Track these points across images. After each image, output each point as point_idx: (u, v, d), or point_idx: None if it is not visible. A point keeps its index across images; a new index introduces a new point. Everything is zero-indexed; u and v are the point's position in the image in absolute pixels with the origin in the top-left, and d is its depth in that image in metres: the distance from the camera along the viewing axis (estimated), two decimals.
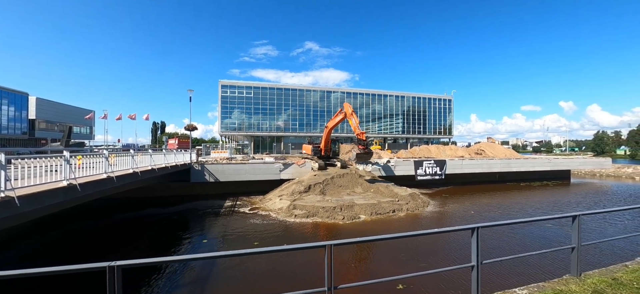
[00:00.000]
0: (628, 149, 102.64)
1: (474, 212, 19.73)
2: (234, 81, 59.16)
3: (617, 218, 16.29)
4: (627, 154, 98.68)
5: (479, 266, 4.06)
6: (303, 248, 3.38)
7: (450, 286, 8.58)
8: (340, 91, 66.46)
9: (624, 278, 4.74)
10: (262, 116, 59.66)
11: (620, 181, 39.82)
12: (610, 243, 11.58)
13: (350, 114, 23.53)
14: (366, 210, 18.11)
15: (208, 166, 23.82)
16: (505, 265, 9.35)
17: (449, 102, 73.74)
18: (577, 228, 4.76)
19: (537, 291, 4.42)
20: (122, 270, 2.83)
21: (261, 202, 21.72)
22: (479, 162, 33.17)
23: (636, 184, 36.74)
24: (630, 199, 25.43)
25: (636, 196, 27.26)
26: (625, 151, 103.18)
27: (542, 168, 36.35)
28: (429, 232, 3.94)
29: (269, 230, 15.26)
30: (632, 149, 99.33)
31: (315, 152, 28.37)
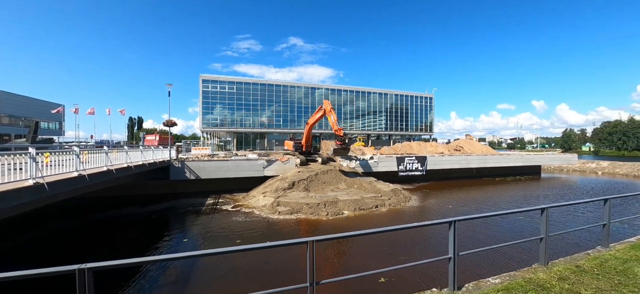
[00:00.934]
0: (592, 146, 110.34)
1: (451, 206, 20.49)
2: (215, 76, 57.59)
3: (580, 210, 17.52)
4: (591, 151, 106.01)
5: (456, 258, 4.24)
6: (285, 245, 3.38)
7: (430, 278, 8.90)
8: (325, 88, 66.46)
9: (586, 266, 5.11)
10: (245, 112, 58.60)
11: (584, 175, 42.72)
12: (574, 233, 12.44)
13: (329, 111, 24.29)
14: (350, 206, 18.33)
15: (188, 163, 23.15)
16: (480, 256, 9.81)
17: (430, 100, 75.76)
18: (545, 219, 5.07)
19: (509, 279, 4.67)
20: (94, 273, 2.70)
21: (244, 200, 21.41)
22: (457, 159, 34.42)
23: (598, 178, 39.58)
24: (592, 192, 27.36)
25: (598, 189, 29.37)
26: (590, 148, 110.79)
27: (515, 164, 38.29)
28: (408, 226, 4.06)
29: (252, 228, 15.09)
30: (596, 145, 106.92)
31: (297, 148, 29.02)
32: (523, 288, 4.31)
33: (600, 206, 6.06)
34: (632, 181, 36.30)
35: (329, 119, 24.93)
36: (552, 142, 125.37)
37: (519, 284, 4.44)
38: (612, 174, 42.97)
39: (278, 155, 31.57)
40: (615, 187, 30.84)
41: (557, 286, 4.33)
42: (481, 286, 4.50)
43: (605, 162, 49.85)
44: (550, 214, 5.40)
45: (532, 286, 4.37)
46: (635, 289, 4.21)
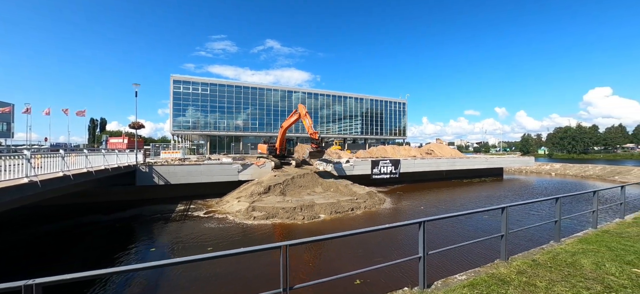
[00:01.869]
0: (547, 150, 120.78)
1: (423, 207, 21.33)
2: (188, 76, 55.29)
3: (536, 208, 19.05)
4: (546, 154, 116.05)
5: (425, 257, 4.40)
6: (258, 250, 3.30)
7: (403, 277, 9.17)
8: (302, 92, 66.44)
9: (540, 259, 5.55)
10: (219, 115, 56.80)
11: (540, 176, 46.58)
12: (531, 229, 13.48)
13: (304, 115, 24.70)
14: (326, 209, 18.39)
15: (157, 167, 21.93)
16: (448, 254, 10.30)
17: (403, 105, 78.58)
18: (505, 218, 5.43)
19: (474, 275, 4.94)
20: (43, 288, 2.46)
21: (218, 205, 20.68)
22: (428, 162, 35.95)
23: (552, 178, 43.36)
24: (546, 192, 29.89)
25: (551, 189, 32.14)
26: (545, 151, 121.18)
27: (481, 166, 40.81)
28: (379, 228, 4.15)
29: (225, 234, 14.60)
30: (550, 149, 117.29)
31: (271, 151, 29.06)
32: (486, 282, 4.58)
33: (552, 204, 6.69)
34: (580, 181, 40.19)
35: (304, 123, 25.27)
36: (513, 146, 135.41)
37: (483, 279, 4.71)
38: (563, 175, 47.31)
39: (253, 159, 30.98)
40: (566, 186, 33.95)
41: (516, 280, 4.66)
42: (449, 282, 4.71)
43: (557, 165, 54.79)
44: (510, 212, 5.80)
45: (495, 280, 4.66)
46: (582, 279, 4.64)
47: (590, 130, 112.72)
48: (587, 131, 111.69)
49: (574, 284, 4.49)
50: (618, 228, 7.67)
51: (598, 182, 37.98)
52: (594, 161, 71.26)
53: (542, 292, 4.24)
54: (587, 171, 45.99)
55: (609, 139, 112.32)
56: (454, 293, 4.28)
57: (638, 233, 7.17)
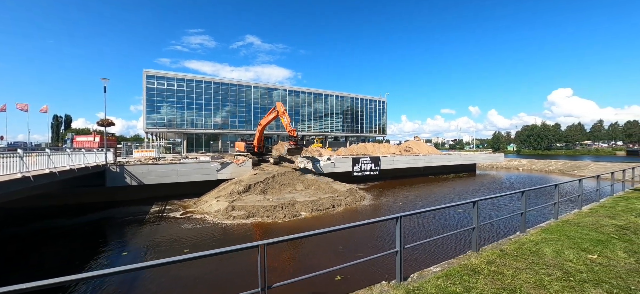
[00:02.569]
0: (515, 146, 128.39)
1: (401, 203, 21.94)
2: (162, 72, 52.83)
3: (505, 201, 20.23)
4: (515, 150, 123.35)
5: (402, 251, 4.53)
6: (235, 250, 3.23)
7: (381, 271, 9.38)
8: (283, 89, 65.77)
9: (508, 249, 5.89)
10: (197, 112, 54.85)
11: (509, 171, 49.47)
12: (500, 221, 14.29)
13: (282, 113, 25.00)
14: (307, 207, 18.40)
15: (129, 167, 20.84)
16: (424, 248, 10.66)
17: (383, 103, 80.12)
18: (476, 211, 5.71)
19: (448, 266, 5.15)
20: None
21: (195, 205, 20.04)
22: (407, 159, 37.00)
23: (520, 173, 46.19)
24: (514, 186, 31.80)
25: (518, 183, 34.24)
26: (513, 148, 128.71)
27: (456, 163, 42.62)
28: (357, 224, 4.21)
29: (203, 234, 14.18)
30: (518, 146, 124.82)
31: (249, 149, 29.05)
32: (459, 273, 4.80)
33: (519, 198, 7.16)
34: (544, 175, 43.16)
35: (282, 120, 25.54)
36: (485, 143, 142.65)
37: (456, 270, 4.93)
38: (529, 170, 50.55)
39: (233, 157, 30.39)
40: (531, 181, 36.31)
41: (486, 269, 4.92)
42: (425, 275, 4.88)
43: (524, 160, 58.45)
44: (481, 206, 6.10)
45: (467, 271, 4.89)
46: (544, 266, 4.99)
47: (553, 128, 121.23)
48: (551, 129, 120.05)
49: (537, 271, 4.81)
50: (576, 218, 8.32)
51: (560, 176, 40.97)
52: (557, 157, 76.80)
53: (508, 280, 4.51)
54: (550, 166, 49.47)
55: (570, 137, 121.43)
56: (428, 284, 4.44)
57: (593, 222, 7.82)
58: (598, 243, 6.09)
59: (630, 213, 8.68)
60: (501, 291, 4.16)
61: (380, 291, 4.35)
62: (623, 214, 8.64)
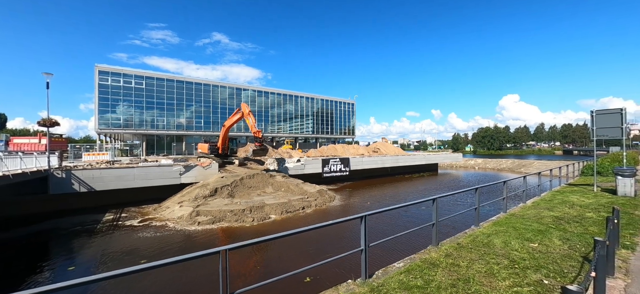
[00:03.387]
0: (472, 147, 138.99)
1: (369, 203, 22.59)
2: (118, 67, 48.64)
3: (462, 198, 21.80)
4: (472, 150, 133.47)
5: (367, 249, 4.65)
6: (193, 258, 3.06)
7: (349, 269, 9.54)
8: (252, 89, 64.22)
9: (463, 242, 6.33)
10: (158, 112, 51.34)
11: (467, 170, 53.41)
12: (458, 216, 15.33)
13: (247, 114, 25.00)
14: (276, 209, 18.13)
15: (78, 172, 18.86)
16: (390, 245, 11.09)
17: (352, 105, 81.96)
18: (435, 208, 6.05)
19: (410, 262, 5.39)
20: None
21: (156, 212, 18.74)
22: (375, 159, 38.20)
23: (476, 172, 50.08)
24: (470, 183, 34.40)
25: (474, 180, 37.11)
26: (471, 148, 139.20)
27: (420, 163, 44.95)
28: (321, 225, 4.23)
29: (164, 242, 13.29)
30: (474, 146, 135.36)
31: (213, 150, 28.45)
32: (420, 267, 5.05)
33: (474, 194, 7.78)
34: (496, 173, 47.28)
35: (247, 122, 25.50)
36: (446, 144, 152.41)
37: (417, 264, 5.18)
38: (484, 168, 55.07)
39: (196, 159, 29.12)
40: (485, 178, 39.57)
41: (444, 262, 5.23)
42: (388, 271, 5.06)
43: (480, 160, 63.55)
44: (441, 202, 6.49)
45: (427, 264, 5.16)
46: (494, 256, 5.44)
47: (503, 130, 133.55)
48: (501, 131, 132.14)
49: (488, 260, 5.23)
50: (521, 211, 9.21)
51: (509, 173, 45.15)
52: (507, 156, 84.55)
53: (464, 270, 4.84)
54: (501, 165, 54.39)
55: (517, 138, 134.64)
56: (392, 280, 4.61)
57: (535, 214, 8.71)
58: (538, 233, 6.80)
59: (564, 205, 9.82)
60: (457, 281, 4.45)
61: (346, 289, 4.41)
62: (559, 206, 9.75)
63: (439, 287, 4.29)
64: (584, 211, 8.90)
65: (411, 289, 4.24)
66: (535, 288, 4.18)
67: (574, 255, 5.45)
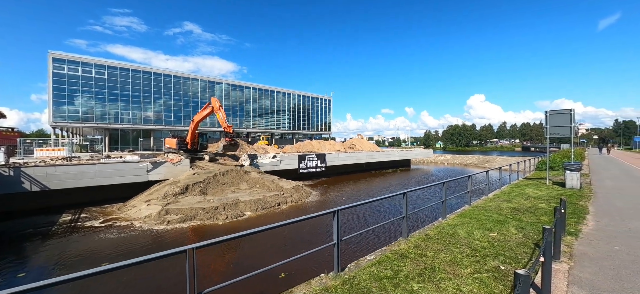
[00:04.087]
0: (442, 143, 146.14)
1: (345, 198, 22.96)
2: (76, 55, 44.62)
3: (431, 191, 22.92)
4: (441, 147, 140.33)
5: (339, 243, 4.73)
6: (158, 258, 2.92)
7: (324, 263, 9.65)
8: (226, 83, 62.13)
9: (431, 234, 6.65)
10: (123, 104, 47.97)
11: (437, 165, 56.09)
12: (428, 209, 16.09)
13: (218, 108, 24.57)
14: (251, 206, 17.83)
15: (28, 169, 17.15)
16: (363, 239, 11.37)
17: (328, 102, 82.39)
18: (406, 201, 6.29)
19: (381, 253, 5.57)
20: None
21: (120, 212, 17.61)
22: (351, 155, 38.82)
23: (446, 167, 52.75)
24: (439, 178, 36.21)
25: (443, 175, 39.10)
26: (441, 144, 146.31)
27: (394, 158, 46.41)
28: (293, 221, 4.23)
29: (129, 243, 12.55)
30: (444, 143, 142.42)
31: (181, 146, 27.48)
32: (390, 258, 5.23)
33: (441, 188, 8.26)
34: (463, 168, 50.17)
35: (217, 116, 25.06)
36: (418, 141, 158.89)
37: (388, 256, 5.36)
38: (452, 164, 58.17)
39: (164, 155, 27.91)
40: (453, 173, 41.84)
41: (412, 253, 5.47)
42: (360, 263, 5.19)
43: (449, 156, 67.03)
44: (411, 196, 6.75)
45: (397, 256, 5.36)
46: (458, 246, 5.78)
47: (470, 128, 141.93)
48: (469, 129, 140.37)
49: (452, 250, 5.55)
50: (483, 204, 9.87)
51: (474, 168, 48.13)
52: (473, 152, 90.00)
53: (430, 260, 5.10)
54: (468, 160, 57.80)
55: (483, 135, 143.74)
56: (363, 271, 4.73)
57: (495, 206, 9.37)
58: (498, 223, 7.33)
59: (521, 197, 10.67)
60: (424, 270, 4.68)
61: (319, 283, 4.46)
62: (516, 198, 10.57)
63: (407, 276, 4.48)
64: (537, 202, 9.74)
65: (381, 280, 4.38)
66: (493, 274, 4.52)
67: (528, 242, 5.95)
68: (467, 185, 9.79)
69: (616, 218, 7.80)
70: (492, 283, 4.22)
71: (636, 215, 8.03)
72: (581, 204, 9.46)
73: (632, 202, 9.75)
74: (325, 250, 4.93)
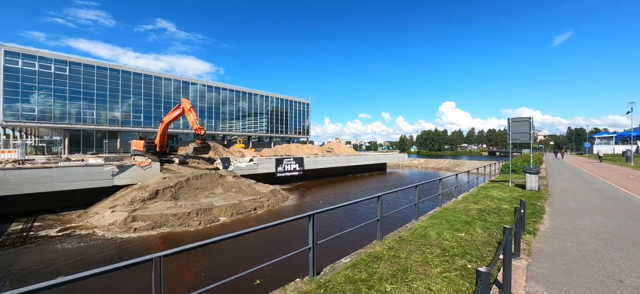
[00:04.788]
0: (416, 148, 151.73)
1: (322, 201, 23.02)
2: (33, 49, 40.96)
3: (404, 195, 23.65)
4: (416, 151, 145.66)
5: (314, 247, 4.72)
6: (121, 268, 2.73)
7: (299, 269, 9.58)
8: (202, 84, 60.09)
9: (404, 235, 6.85)
10: (86, 103, 44.66)
11: (412, 169, 58.08)
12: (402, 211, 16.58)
13: (189, 110, 23.85)
14: (226, 211, 17.31)
15: None
16: (338, 242, 11.42)
17: (307, 105, 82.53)
18: (380, 205, 6.44)
19: (356, 256, 5.64)
20: None
21: (80, 219, 16.31)
22: (328, 159, 39.08)
23: (420, 171, 54.74)
24: (413, 181, 37.29)
25: (417, 178, 40.56)
26: (415, 149, 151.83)
27: (371, 162, 47.40)
28: (267, 226, 4.17)
29: (89, 254, 11.64)
30: (418, 147, 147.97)
31: (149, 148, 26.43)
32: (365, 261, 5.32)
33: (414, 191, 8.60)
34: (436, 171, 52.33)
35: (188, 118, 24.30)
36: (394, 145, 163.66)
37: (362, 259, 5.44)
38: (426, 167, 60.53)
39: (130, 158, 26.48)
40: (426, 176, 43.54)
41: (386, 255, 5.60)
42: (335, 267, 5.22)
43: (422, 159, 69.71)
44: (386, 199, 6.92)
45: (371, 258, 5.46)
46: (429, 246, 6.01)
47: (442, 133, 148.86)
48: (441, 134, 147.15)
49: (424, 251, 5.76)
50: (453, 205, 10.36)
51: (446, 172, 50.43)
52: (444, 157, 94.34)
53: (403, 261, 5.25)
54: (440, 164, 60.47)
55: (453, 140, 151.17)
56: (338, 275, 4.76)
57: (463, 207, 9.87)
58: (465, 224, 7.72)
59: (487, 199, 11.34)
60: (397, 271, 4.81)
61: (294, 288, 4.42)
62: (483, 200, 11.22)
63: (381, 278, 4.57)
64: (501, 204, 10.40)
65: (356, 283, 4.44)
66: (461, 272, 4.74)
67: (492, 241, 6.32)
68: (439, 188, 10.23)
69: (568, 217, 8.53)
70: (459, 281, 4.43)
71: (585, 214, 8.84)
72: (539, 204, 10.23)
73: (581, 202, 10.72)
74: (302, 254, 4.91)
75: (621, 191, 13.17)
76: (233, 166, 27.63)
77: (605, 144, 72.32)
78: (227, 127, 63.25)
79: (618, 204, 10.30)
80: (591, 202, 10.59)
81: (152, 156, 25.21)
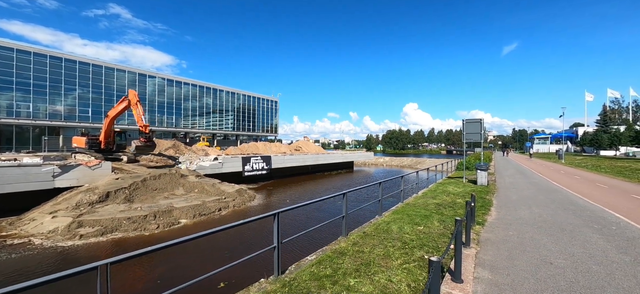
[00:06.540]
0: (382, 146, 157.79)
1: (289, 200, 22.92)
2: None
3: (369, 191, 24.53)
4: (382, 150, 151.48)
5: (279, 246, 4.69)
6: (56, 279, 2.45)
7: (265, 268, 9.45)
8: (161, 77, 56.10)
9: (368, 231, 7.10)
10: (21, 95, 39.22)
11: (377, 167, 60.29)
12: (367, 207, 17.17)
13: (135, 104, 22.33)
14: (188, 213, 16.41)
15: None
16: (304, 240, 11.48)
17: (275, 103, 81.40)
18: (345, 202, 6.59)
19: (321, 253, 5.72)
20: None
21: (13, 227, 14.28)
22: (297, 158, 38.97)
23: (385, 168, 57.03)
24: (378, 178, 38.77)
25: (382, 175, 42.25)
26: (381, 148, 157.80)
27: (338, 161, 48.22)
28: (230, 226, 4.06)
29: (24, 266, 10.27)
30: (384, 146, 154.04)
31: (92, 145, 24.29)
32: (330, 257, 5.41)
33: (378, 188, 9.02)
34: (399, 169, 54.98)
35: (134, 113, 22.70)
36: (361, 144, 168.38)
37: (328, 255, 5.53)
38: (390, 165, 63.28)
39: (71, 156, 24.11)
40: (390, 174, 45.53)
41: (351, 250, 5.76)
42: (301, 264, 5.24)
43: (387, 158, 72.74)
44: (352, 196, 7.11)
45: (336, 254, 5.57)
46: (391, 240, 6.30)
47: (406, 133, 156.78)
48: (404, 133, 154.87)
49: (386, 245, 6.02)
50: (414, 201, 10.97)
51: (408, 169, 53.22)
52: (408, 155, 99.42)
53: (366, 255, 5.44)
54: (404, 162, 63.64)
55: (416, 140, 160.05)
56: (304, 272, 4.79)
57: (423, 202, 10.51)
58: (424, 218, 8.23)
59: (444, 194, 12.20)
60: (360, 266, 4.97)
61: (258, 288, 4.36)
62: (440, 195, 12.04)
63: (345, 273, 4.69)
64: (455, 198, 11.26)
65: (321, 279, 4.49)
66: (419, 263, 5.05)
67: (447, 233, 6.82)
68: (401, 184, 10.76)
69: (511, 209, 9.52)
70: (417, 271, 4.72)
71: (524, 206, 9.94)
72: (488, 198, 11.27)
73: (521, 195, 12.03)
74: (268, 254, 4.85)
75: (553, 184, 15.05)
76: (196, 165, 26.25)
77: (543, 143, 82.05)
78: (189, 125, 59.98)
79: (550, 195, 11.75)
80: (530, 195, 11.94)
81: (96, 153, 23.08)
